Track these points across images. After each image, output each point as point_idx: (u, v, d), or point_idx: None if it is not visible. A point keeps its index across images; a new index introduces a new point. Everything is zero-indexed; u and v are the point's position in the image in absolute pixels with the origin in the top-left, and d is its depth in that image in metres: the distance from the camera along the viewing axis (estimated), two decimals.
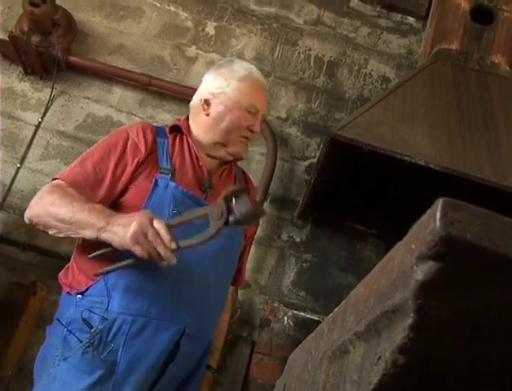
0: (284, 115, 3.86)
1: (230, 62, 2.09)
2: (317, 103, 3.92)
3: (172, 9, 4.06)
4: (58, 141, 3.66)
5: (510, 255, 0.50)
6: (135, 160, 1.83)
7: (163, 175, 1.83)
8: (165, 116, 3.76)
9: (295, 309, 3.40)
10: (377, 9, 4.23)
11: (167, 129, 1.98)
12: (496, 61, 3.48)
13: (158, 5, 4.05)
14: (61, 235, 1.73)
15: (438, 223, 0.49)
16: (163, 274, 1.73)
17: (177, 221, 1.65)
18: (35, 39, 3.63)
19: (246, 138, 1.99)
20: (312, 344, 0.91)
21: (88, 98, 3.78)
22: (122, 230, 1.60)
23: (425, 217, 0.53)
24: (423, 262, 0.51)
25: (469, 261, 0.50)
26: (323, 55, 4.07)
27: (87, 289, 1.76)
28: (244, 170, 2.20)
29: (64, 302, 1.85)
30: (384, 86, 3.99)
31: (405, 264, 0.54)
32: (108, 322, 1.71)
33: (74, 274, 1.84)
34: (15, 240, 3.37)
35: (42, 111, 3.69)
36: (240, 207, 1.59)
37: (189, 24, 4.04)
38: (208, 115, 1.99)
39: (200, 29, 4.03)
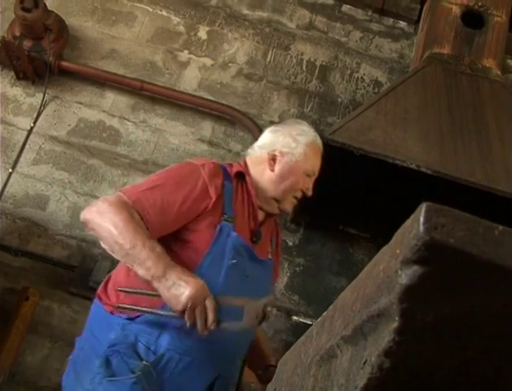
0: (276, 119, 3.86)
1: (298, 123, 2.19)
2: (309, 108, 3.92)
3: (164, 14, 4.06)
4: (50, 146, 3.65)
5: (494, 260, 0.50)
6: (203, 205, 1.86)
7: (226, 223, 1.89)
8: (158, 121, 3.77)
9: (288, 314, 3.40)
10: (369, 13, 4.24)
11: (232, 173, 2.01)
12: (488, 65, 3.50)
13: (150, 10, 4.06)
14: (112, 254, 1.77)
15: (421, 228, 0.50)
16: None
17: (222, 302, 1.74)
18: (27, 44, 3.62)
19: (296, 197, 2.10)
20: (302, 348, 0.92)
21: (80, 103, 3.78)
22: (175, 292, 1.66)
23: (409, 221, 0.53)
24: (407, 267, 0.51)
25: (453, 265, 0.51)
26: (315, 60, 4.07)
27: (138, 316, 1.81)
28: (276, 219, 2.27)
29: (103, 320, 1.87)
30: (376, 90, 4.00)
31: (390, 268, 0.54)
32: (157, 356, 1.77)
33: (119, 296, 1.86)
34: (8, 246, 3.36)
35: (34, 116, 3.68)
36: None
37: (181, 28, 4.04)
38: (272, 170, 2.05)
39: (192, 34, 4.03)
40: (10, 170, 3.55)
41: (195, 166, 1.93)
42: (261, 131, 3.64)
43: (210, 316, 1.67)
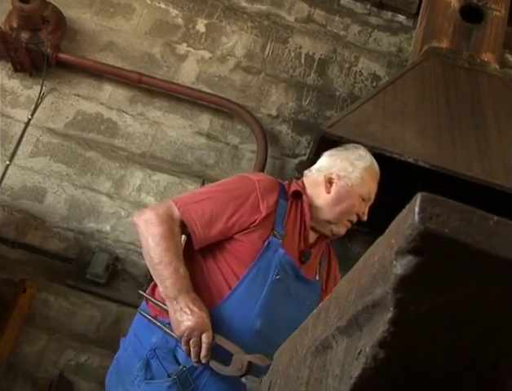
0: (274, 112, 3.87)
1: (355, 148, 2.20)
2: (308, 101, 3.92)
3: (162, 6, 4.05)
4: (48, 138, 3.65)
5: (489, 250, 0.50)
6: (251, 220, 1.91)
7: (275, 239, 1.92)
8: (156, 114, 3.76)
9: None
10: (368, 7, 4.23)
11: (289, 191, 2.04)
12: (486, 59, 3.50)
13: (149, 2, 4.04)
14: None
15: (416, 218, 0.50)
16: (252, 332, 1.85)
17: (218, 341, 1.78)
18: (24, 36, 3.61)
19: (351, 221, 2.12)
20: (297, 339, 0.92)
21: (78, 96, 3.77)
22: (179, 318, 1.75)
23: (404, 211, 0.53)
24: (402, 257, 0.51)
25: (447, 255, 0.50)
26: (313, 53, 4.07)
27: None
28: (329, 243, 2.27)
29: (147, 323, 1.91)
30: (374, 84, 3.99)
31: (385, 258, 0.54)
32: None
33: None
34: (5, 238, 3.36)
35: (32, 108, 3.68)
36: (251, 383, 1.73)
37: (180, 21, 4.03)
38: (329, 193, 2.07)
39: (190, 27, 4.02)
40: (7, 162, 3.54)
41: (250, 180, 1.98)
42: (259, 124, 3.66)
43: (203, 351, 1.73)
